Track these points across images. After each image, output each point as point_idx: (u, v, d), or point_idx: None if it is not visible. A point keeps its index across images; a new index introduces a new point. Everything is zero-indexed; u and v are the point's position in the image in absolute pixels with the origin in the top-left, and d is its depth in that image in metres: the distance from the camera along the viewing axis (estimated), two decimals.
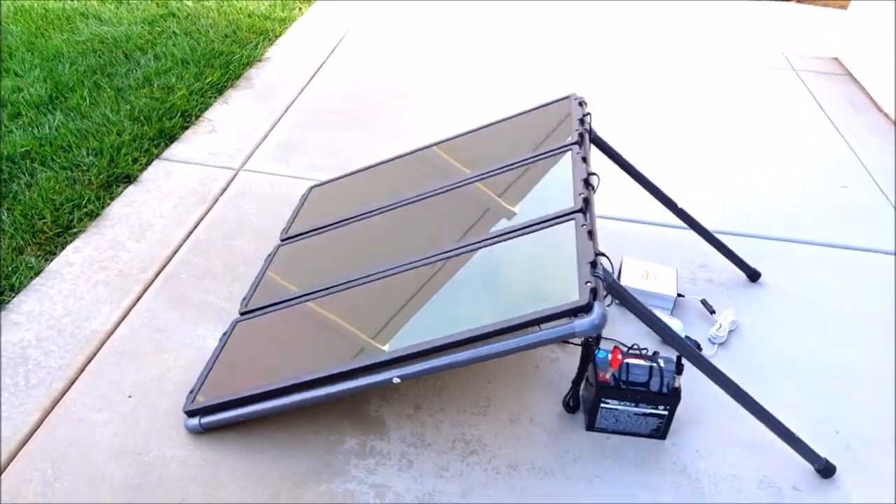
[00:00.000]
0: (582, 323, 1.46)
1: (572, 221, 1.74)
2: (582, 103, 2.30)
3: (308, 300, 1.99)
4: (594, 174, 1.91)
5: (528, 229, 1.81)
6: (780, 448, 1.83)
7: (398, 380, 1.60)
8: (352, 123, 3.25)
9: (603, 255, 1.61)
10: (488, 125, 2.50)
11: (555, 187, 1.93)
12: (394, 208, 2.24)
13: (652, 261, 2.48)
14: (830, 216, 2.82)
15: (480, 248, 1.84)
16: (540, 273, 1.65)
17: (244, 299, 2.15)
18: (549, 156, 2.08)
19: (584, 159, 1.99)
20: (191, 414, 1.78)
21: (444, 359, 1.55)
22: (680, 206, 2.34)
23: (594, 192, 1.89)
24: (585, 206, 1.80)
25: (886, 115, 3.67)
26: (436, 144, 2.55)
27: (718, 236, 2.42)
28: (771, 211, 2.83)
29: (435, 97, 3.52)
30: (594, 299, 1.48)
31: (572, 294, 1.50)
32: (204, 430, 1.77)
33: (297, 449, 1.78)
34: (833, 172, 3.13)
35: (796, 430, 1.80)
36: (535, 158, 2.11)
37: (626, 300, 1.60)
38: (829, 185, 3.04)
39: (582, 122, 2.18)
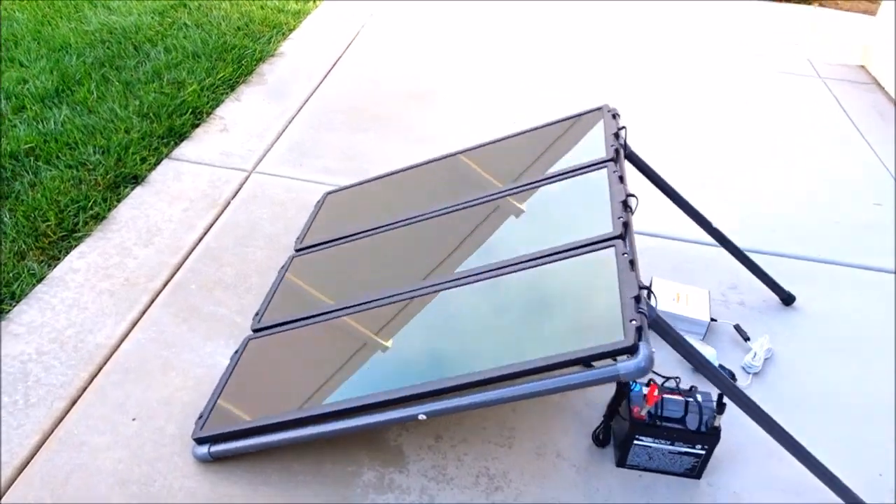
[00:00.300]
0: (627, 366, 1.35)
1: (612, 248, 1.63)
2: (615, 115, 2.18)
3: (325, 320, 1.88)
4: (633, 195, 1.80)
5: (563, 254, 1.70)
6: (821, 491, 1.73)
7: (424, 416, 1.49)
8: (367, 125, 3.14)
9: (647, 287, 1.50)
10: (514, 135, 2.38)
11: (590, 208, 1.82)
12: (417, 221, 2.13)
13: (680, 280, 2.37)
14: (865, 235, 2.70)
15: (512, 272, 1.73)
16: (578, 305, 1.54)
17: (257, 314, 2.04)
18: (583, 172, 1.97)
19: (622, 178, 1.88)
20: (200, 441, 1.68)
21: (475, 397, 1.44)
22: (714, 225, 2.23)
23: (632, 214, 1.78)
24: (625, 232, 1.69)
25: None
26: (459, 153, 2.44)
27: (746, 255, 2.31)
28: (801, 228, 2.72)
29: (454, 99, 3.40)
30: (640, 339, 1.37)
31: (615, 332, 1.40)
32: (213, 458, 1.67)
33: (313, 481, 1.68)
34: (865, 187, 3.01)
35: (837, 470, 1.70)
36: (568, 174, 2.00)
37: (672, 338, 1.49)
38: (861, 201, 2.92)
39: (616, 136, 2.07)
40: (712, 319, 2.18)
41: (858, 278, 2.48)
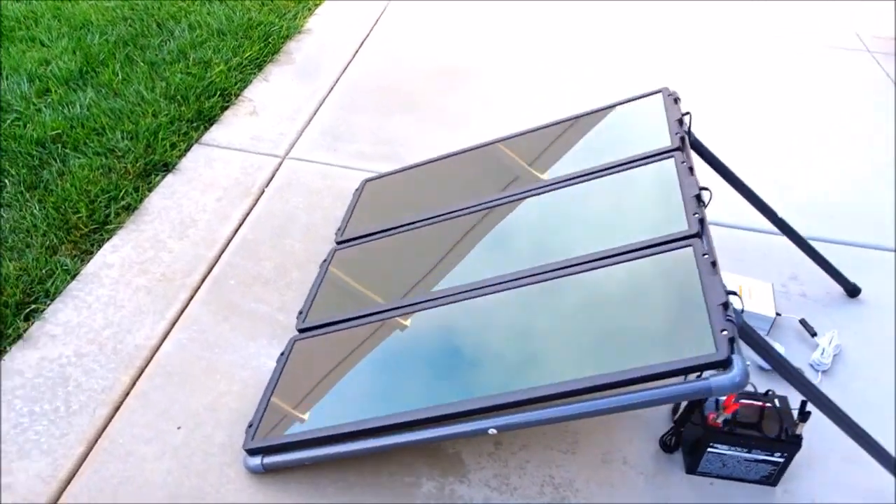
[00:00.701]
0: (720, 381, 1.25)
1: (689, 248, 1.52)
2: (677, 99, 2.05)
3: (375, 320, 1.79)
4: (706, 189, 1.68)
5: (634, 254, 1.59)
6: None
7: (495, 431, 1.40)
8: (401, 106, 3.01)
9: (734, 293, 1.39)
10: (564, 120, 2.26)
11: (659, 202, 1.71)
12: (467, 213, 2.02)
13: (737, 271, 2.25)
14: None
15: (578, 272, 1.62)
16: (657, 311, 1.43)
17: (301, 313, 1.95)
18: (647, 162, 1.85)
19: (691, 169, 1.76)
20: (251, 452, 1.60)
21: (553, 411, 1.35)
22: (779, 215, 2.11)
23: (706, 209, 1.67)
24: (701, 230, 1.57)
25: None
26: (504, 139, 2.32)
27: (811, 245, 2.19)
28: (860, 214, 2.58)
29: (491, 77, 3.26)
30: (732, 352, 1.27)
31: (705, 344, 1.29)
32: (266, 470, 1.59)
33: (371, 493, 1.60)
34: None
35: None
36: (630, 165, 1.88)
37: (761, 347, 1.39)
38: None
39: (680, 122, 1.94)
40: (777, 314, 2.07)
41: None
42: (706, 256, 1.47)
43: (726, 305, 1.35)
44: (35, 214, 2.20)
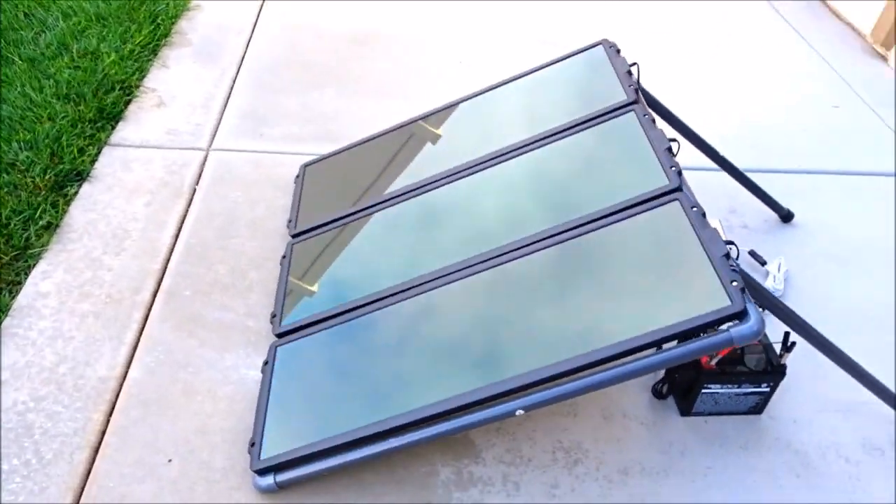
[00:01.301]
0: (740, 331, 1.29)
1: (675, 202, 1.55)
2: (618, 51, 2.07)
3: (359, 315, 1.72)
4: (674, 140, 1.71)
5: (621, 214, 1.60)
6: (873, 406, 1.78)
7: (522, 412, 1.40)
8: (318, 79, 2.87)
9: (732, 243, 1.44)
10: (506, 82, 2.22)
11: (629, 159, 1.72)
12: (427, 189, 1.97)
13: None
14: (832, 141, 2.76)
15: (567, 239, 1.62)
16: (662, 271, 1.46)
17: (274, 316, 1.85)
18: (607, 119, 1.85)
19: (654, 121, 1.78)
20: (261, 472, 1.51)
21: (580, 382, 1.35)
22: (721, 153, 2.20)
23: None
24: (680, 182, 1.60)
25: (848, 24, 3.64)
26: (446, 108, 2.26)
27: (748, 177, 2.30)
28: (773, 142, 2.74)
29: (409, 40, 3.15)
30: (746, 301, 1.32)
31: (718, 297, 1.33)
32: (280, 488, 1.52)
33: (390, 491, 1.56)
34: (817, 91, 3.06)
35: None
36: (590, 123, 1.88)
37: (757, 291, 1.45)
38: (819, 108, 2.98)
39: (629, 74, 1.96)
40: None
41: (844, 185, 2.54)
42: (695, 209, 1.51)
43: (728, 256, 1.40)
44: None
